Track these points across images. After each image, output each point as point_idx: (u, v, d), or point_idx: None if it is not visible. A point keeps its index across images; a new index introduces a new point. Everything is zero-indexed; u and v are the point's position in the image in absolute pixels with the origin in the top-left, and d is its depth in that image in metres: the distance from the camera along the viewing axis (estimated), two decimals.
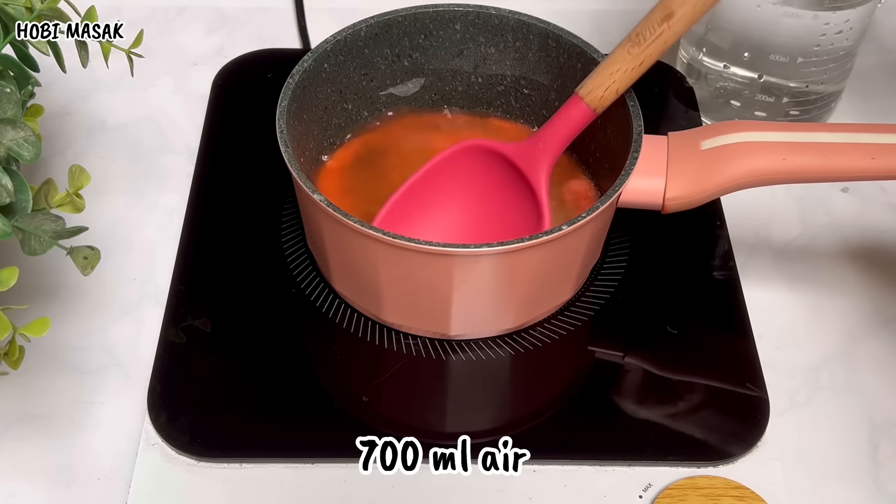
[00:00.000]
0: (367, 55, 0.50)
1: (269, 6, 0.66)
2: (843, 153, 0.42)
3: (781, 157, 0.43)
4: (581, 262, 0.46)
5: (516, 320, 0.46)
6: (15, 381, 0.45)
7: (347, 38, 0.49)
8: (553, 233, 0.41)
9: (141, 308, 0.49)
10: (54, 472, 0.43)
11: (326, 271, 0.48)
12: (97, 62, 0.45)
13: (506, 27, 0.50)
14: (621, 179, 0.43)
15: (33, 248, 0.39)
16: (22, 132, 0.38)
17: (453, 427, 0.44)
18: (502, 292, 0.44)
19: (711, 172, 0.43)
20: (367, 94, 0.52)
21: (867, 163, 0.42)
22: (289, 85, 0.46)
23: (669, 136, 0.46)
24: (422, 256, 0.41)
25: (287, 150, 0.43)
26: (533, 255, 0.42)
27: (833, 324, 0.50)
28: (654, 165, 0.44)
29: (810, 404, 0.46)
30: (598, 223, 0.44)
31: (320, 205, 0.41)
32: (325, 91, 0.49)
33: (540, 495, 0.42)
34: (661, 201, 0.44)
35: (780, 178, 0.43)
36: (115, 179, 0.55)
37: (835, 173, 0.43)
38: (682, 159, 0.44)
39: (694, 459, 0.43)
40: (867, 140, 0.42)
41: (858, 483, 0.44)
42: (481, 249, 0.40)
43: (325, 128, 0.50)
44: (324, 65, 0.48)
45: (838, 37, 0.53)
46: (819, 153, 0.42)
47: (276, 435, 0.43)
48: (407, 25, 0.50)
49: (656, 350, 0.47)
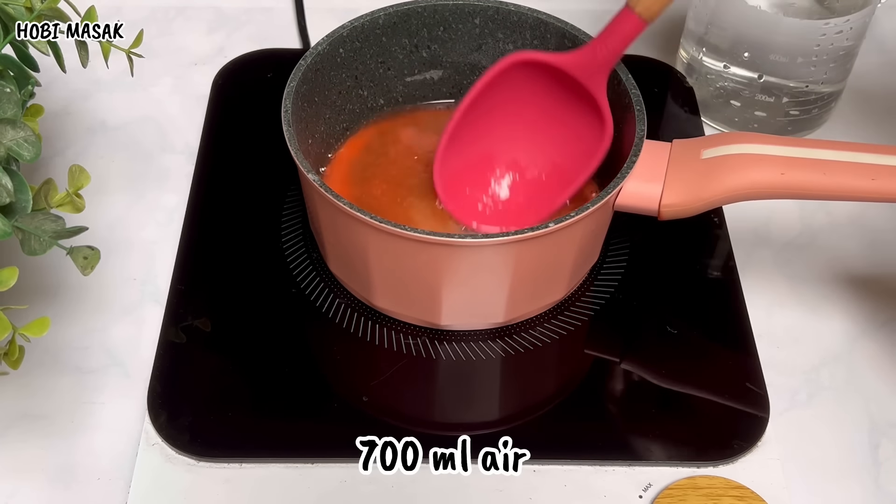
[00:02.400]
0: (384, 43, 0.50)
1: (268, 6, 0.66)
2: (843, 172, 0.42)
3: (780, 172, 0.42)
4: (573, 261, 0.46)
5: (507, 315, 0.46)
6: (15, 381, 0.45)
7: (365, 25, 0.49)
8: (540, 229, 0.41)
9: (141, 308, 0.49)
10: (54, 471, 0.43)
11: (323, 252, 0.48)
12: (97, 62, 0.45)
13: (524, 24, 0.50)
14: (616, 181, 0.43)
15: (33, 248, 0.39)
16: (22, 132, 0.38)
17: (453, 427, 0.44)
18: (490, 285, 0.44)
19: (709, 182, 0.43)
20: (383, 82, 0.52)
21: (867, 183, 0.41)
22: (300, 67, 0.47)
23: (673, 144, 0.46)
24: (409, 243, 0.41)
25: (289, 130, 0.44)
26: (521, 250, 0.42)
27: (833, 324, 0.50)
28: (652, 171, 0.44)
29: (810, 404, 0.46)
30: (590, 223, 0.44)
31: (315, 185, 0.42)
32: (339, 76, 0.50)
33: (540, 495, 0.42)
34: (656, 207, 0.44)
35: (778, 192, 0.43)
36: (115, 179, 0.55)
37: (833, 191, 0.42)
38: (681, 167, 0.44)
39: (694, 459, 0.43)
40: (869, 160, 0.42)
41: (858, 483, 0.44)
42: (467, 240, 0.41)
43: (338, 112, 0.51)
44: (339, 50, 0.49)
45: (838, 37, 0.53)
46: (819, 170, 0.42)
47: (276, 435, 0.43)
48: (426, 17, 0.50)
49: (656, 350, 0.47)
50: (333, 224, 0.44)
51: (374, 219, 0.41)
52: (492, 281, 0.44)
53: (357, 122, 0.52)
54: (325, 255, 0.48)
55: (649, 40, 0.64)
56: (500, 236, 0.41)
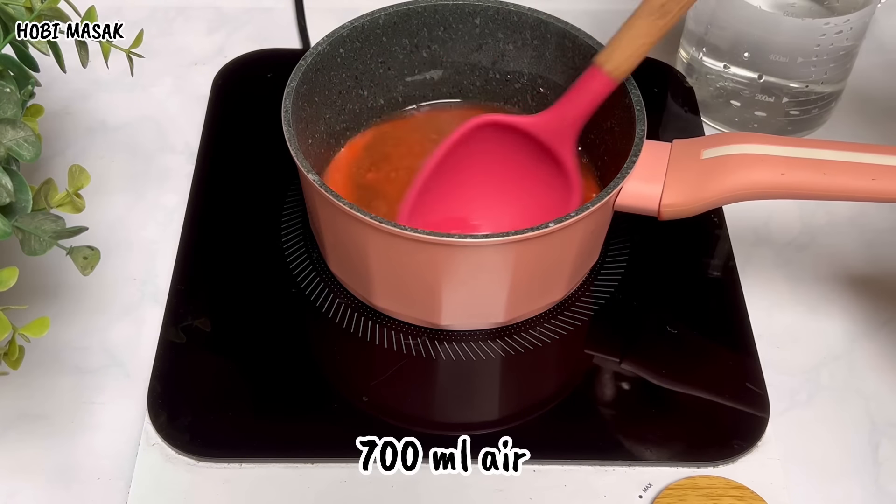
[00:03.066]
0: (384, 43, 0.51)
1: (268, 6, 0.66)
2: (843, 172, 0.41)
3: (780, 172, 0.42)
4: (573, 261, 0.46)
5: (507, 315, 0.46)
6: (15, 381, 0.45)
7: (365, 25, 0.49)
8: (540, 229, 0.41)
9: (141, 308, 0.49)
10: (54, 471, 0.43)
11: (324, 252, 0.48)
12: (97, 62, 0.45)
13: (524, 24, 0.50)
14: (616, 181, 0.43)
15: (33, 248, 0.39)
16: (22, 132, 0.38)
17: (453, 427, 0.44)
18: (490, 285, 0.44)
19: (709, 182, 0.43)
20: (384, 82, 0.52)
21: (867, 183, 0.41)
22: (300, 67, 0.47)
23: (673, 144, 0.46)
24: (408, 244, 0.41)
25: (289, 130, 0.44)
26: (521, 250, 0.42)
27: (833, 324, 0.50)
28: (653, 171, 0.44)
29: (810, 404, 0.46)
30: (590, 223, 0.44)
31: (315, 186, 0.42)
32: (339, 76, 0.50)
33: (540, 495, 0.42)
34: (656, 207, 0.44)
35: (778, 192, 0.43)
36: (115, 179, 0.55)
37: (834, 192, 0.42)
38: (681, 167, 0.44)
39: (694, 459, 0.43)
40: (869, 160, 0.41)
41: (858, 483, 0.44)
42: (466, 241, 0.41)
43: (338, 112, 0.51)
44: (339, 50, 0.49)
45: (838, 37, 0.53)
46: (819, 170, 0.42)
47: (276, 435, 0.43)
48: (427, 17, 0.50)
49: (656, 350, 0.47)
50: (333, 224, 0.44)
51: (373, 219, 0.41)
52: (492, 281, 0.44)
53: (357, 122, 0.53)
54: (325, 256, 0.49)
55: None
56: (500, 236, 0.41)
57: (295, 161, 0.43)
